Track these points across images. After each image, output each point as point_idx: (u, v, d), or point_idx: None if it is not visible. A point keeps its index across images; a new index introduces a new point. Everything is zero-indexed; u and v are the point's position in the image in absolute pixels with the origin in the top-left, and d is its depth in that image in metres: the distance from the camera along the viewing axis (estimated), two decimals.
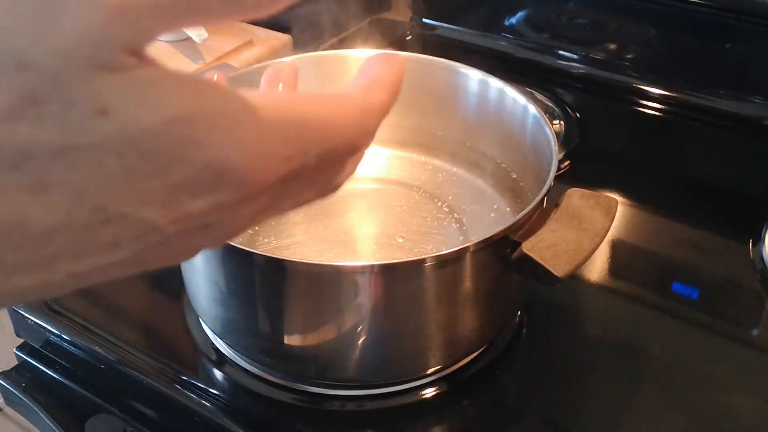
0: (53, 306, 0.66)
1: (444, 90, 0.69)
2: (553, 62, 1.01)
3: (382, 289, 0.52)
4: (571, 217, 0.53)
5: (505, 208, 0.67)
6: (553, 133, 0.60)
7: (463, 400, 0.60)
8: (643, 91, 0.96)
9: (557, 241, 0.51)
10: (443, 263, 0.51)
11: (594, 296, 0.69)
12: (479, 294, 0.55)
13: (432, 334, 0.57)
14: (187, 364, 0.62)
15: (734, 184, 0.83)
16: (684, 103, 0.94)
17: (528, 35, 1.03)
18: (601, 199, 0.54)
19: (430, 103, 0.70)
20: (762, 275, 0.69)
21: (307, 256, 0.63)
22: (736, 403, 0.59)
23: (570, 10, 0.99)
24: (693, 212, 0.78)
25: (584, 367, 0.62)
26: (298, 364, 0.59)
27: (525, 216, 0.52)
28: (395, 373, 0.59)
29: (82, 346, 0.64)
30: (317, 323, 0.55)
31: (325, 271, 0.51)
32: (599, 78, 0.98)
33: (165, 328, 0.66)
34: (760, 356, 0.63)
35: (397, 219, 0.66)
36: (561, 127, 0.89)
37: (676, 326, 0.65)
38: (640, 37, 0.96)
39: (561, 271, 0.49)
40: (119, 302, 0.68)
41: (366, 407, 0.59)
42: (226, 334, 0.61)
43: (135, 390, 0.62)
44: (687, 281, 0.69)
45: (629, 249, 0.74)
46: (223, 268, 0.55)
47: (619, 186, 0.81)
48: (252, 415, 0.58)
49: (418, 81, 0.69)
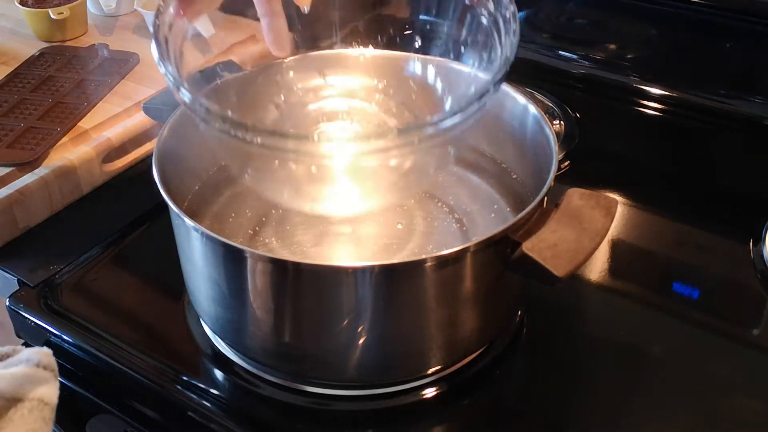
0: (53, 306, 0.66)
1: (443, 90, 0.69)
2: (553, 62, 1.01)
3: (383, 289, 0.52)
4: (571, 217, 0.53)
5: (505, 208, 0.67)
6: (553, 133, 0.61)
7: (463, 400, 0.60)
8: (643, 91, 0.96)
9: (557, 241, 0.51)
10: (443, 263, 0.51)
11: (594, 296, 0.69)
12: (479, 294, 0.55)
13: (432, 334, 0.57)
14: (187, 364, 0.62)
15: (734, 184, 0.83)
16: (684, 103, 0.94)
17: (528, 35, 1.03)
18: (601, 199, 0.54)
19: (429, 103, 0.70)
20: (762, 275, 0.69)
21: (307, 256, 0.63)
22: (736, 403, 0.59)
23: (570, 10, 0.99)
24: (693, 212, 0.78)
25: (584, 367, 0.62)
26: (298, 364, 0.59)
27: (525, 216, 0.53)
28: (395, 373, 0.59)
29: (83, 346, 0.64)
30: (317, 323, 0.55)
31: (325, 271, 0.52)
32: (599, 78, 0.98)
33: (165, 329, 0.66)
34: (760, 356, 0.63)
35: (397, 219, 0.66)
36: (561, 127, 0.89)
37: (676, 326, 0.65)
38: (640, 37, 0.96)
39: (561, 271, 0.49)
40: (119, 302, 0.68)
41: (366, 407, 0.59)
42: (226, 335, 0.61)
43: (135, 390, 0.62)
44: (687, 281, 0.69)
45: (629, 249, 0.74)
46: (223, 268, 0.55)
47: (619, 186, 0.81)
48: (252, 416, 0.58)
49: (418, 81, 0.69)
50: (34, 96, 0.85)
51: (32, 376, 0.42)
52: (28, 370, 0.42)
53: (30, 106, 0.84)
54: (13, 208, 0.72)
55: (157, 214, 0.75)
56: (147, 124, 0.83)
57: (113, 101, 0.86)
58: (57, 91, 0.86)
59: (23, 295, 0.67)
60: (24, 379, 0.42)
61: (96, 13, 1.06)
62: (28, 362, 0.43)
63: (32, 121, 0.81)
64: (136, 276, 0.70)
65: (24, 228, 0.74)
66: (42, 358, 0.43)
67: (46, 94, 0.86)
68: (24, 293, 0.68)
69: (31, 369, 0.42)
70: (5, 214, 0.71)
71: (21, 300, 0.67)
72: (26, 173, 0.75)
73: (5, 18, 1.04)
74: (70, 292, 0.68)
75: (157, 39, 0.53)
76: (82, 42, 0.99)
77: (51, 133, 0.79)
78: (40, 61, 0.92)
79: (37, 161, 0.76)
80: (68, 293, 0.68)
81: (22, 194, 0.72)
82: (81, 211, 0.77)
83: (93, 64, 0.92)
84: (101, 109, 0.85)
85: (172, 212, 0.55)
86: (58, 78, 0.89)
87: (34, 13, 0.97)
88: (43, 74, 0.89)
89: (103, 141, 0.80)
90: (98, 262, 0.71)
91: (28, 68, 0.91)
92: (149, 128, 0.83)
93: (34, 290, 0.68)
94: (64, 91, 0.86)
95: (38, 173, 0.75)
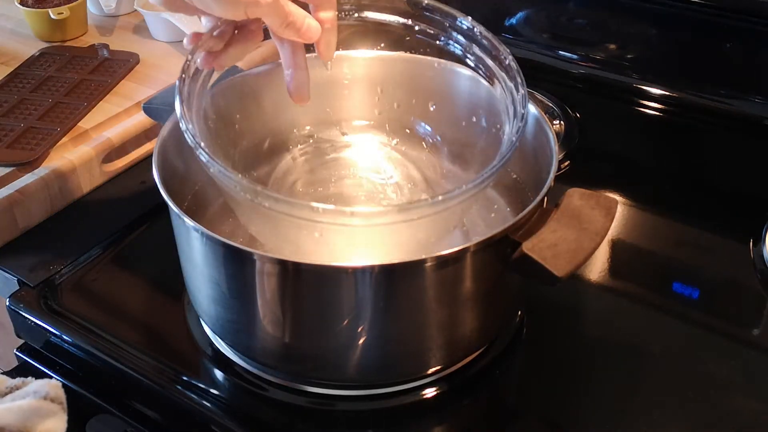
0: (54, 306, 0.66)
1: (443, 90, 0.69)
2: (553, 62, 1.01)
3: (383, 289, 0.52)
4: (571, 217, 0.53)
5: (505, 208, 0.67)
6: (553, 133, 0.61)
7: (463, 400, 0.60)
8: (643, 91, 0.96)
9: (557, 241, 0.51)
10: (443, 263, 0.52)
11: (594, 296, 0.69)
12: (479, 294, 0.55)
13: (432, 334, 0.57)
14: (187, 364, 0.62)
15: (734, 184, 0.83)
16: (684, 103, 0.94)
17: (528, 35, 1.03)
18: (601, 199, 0.54)
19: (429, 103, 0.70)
20: (762, 275, 0.69)
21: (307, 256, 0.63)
22: (736, 403, 0.59)
23: (570, 10, 0.99)
24: (693, 212, 0.78)
25: (584, 367, 0.62)
26: (297, 364, 0.59)
27: (525, 216, 0.53)
28: (395, 373, 0.59)
29: (83, 346, 0.64)
30: (317, 323, 0.55)
31: (326, 271, 0.51)
32: (599, 78, 0.98)
33: (165, 329, 0.66)
34: (760, 356, 0.63)
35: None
36: (561, 127, 0.89)
37: (676, 326, 0.65)
38: (640, 37, 0.96)
39: (561, 271, 0.49)
40: (120, 303, 0.68)
41: (366, 407, 0.59)
42: (226, 335, 0.61)
43: (135, 391, 0.62)
44: (687, 281, 0.69)
45: (629, 249, 0.74)
46: (223, 268, 0.55)
47: (619, 186, 0.81)
48: (252, 416, 0.58)
49: (417, 81, 0.69)
50: (34, 96, 0.85)
51: (40, 410, 0.42)
52: (35, 403, 0.42)
53: (30, 106, 0.84)
54: (13, 208, 0.72)
55: (157, 214, 0.75)
56: (147, 124, 0.83)
57: (113, 101, 0.86)
58: (57, 91, 0.86)
59: (23, 295, 0.67)
60: (31, 413, 0.42)
61: (96, 13, 1.06)
62: (36, 395, 0.43)
63: (32, 121, 0.81)
64: (136, 276, 0.70)
65: (24, 228, 0.74)
66: (50, 390, 0.43)
67: (46, 94, 0.86)
68: (24, 293, 0.68)
69: (38, 402, 0.42)
70: (5, 214, 0.71)
71: (21, 300, 0.67)
72: (26, 173, 0.75)
73: (5, 18, 1.04)
74: (70, 292, 0.68)
75: (181, 95, 0.54)
76: (82, 42, 0.99)
77: (51, 133, 0.79)
78: (40, 61, 0.92)
79: (37, 161, 0.76)
80: (68, 293, 0.68)
81: (22, 194, 0.72)
82: (81, 211, 0.77)
83: (93, 64, 0.91)
84: (101, 109, 0.85)
85: (172, 212, 0.55)
86: (58, 78, 0.89)
87: (34, 13, 0.97)
88: (43, 74, 0.89)
89: (103, 141, 0.80)
90: (98, 262, 0.71)
91: (28, 68, 0.91)
92: (149, 128, 0.83)
93: (34, 290, 0.68)
94: (64, 91, 0.86)
95: (38, 173, 0.75)
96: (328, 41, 0.59)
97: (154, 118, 0.70)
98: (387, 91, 0.70)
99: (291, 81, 0.60)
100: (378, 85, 0.70)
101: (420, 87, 0.69)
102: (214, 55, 0.57)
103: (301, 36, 0.56)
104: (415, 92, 0.69)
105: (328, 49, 0.59)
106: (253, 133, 0.67)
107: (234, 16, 0.53)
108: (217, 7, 0.52)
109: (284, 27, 0.54)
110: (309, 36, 0.56)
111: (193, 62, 0.57)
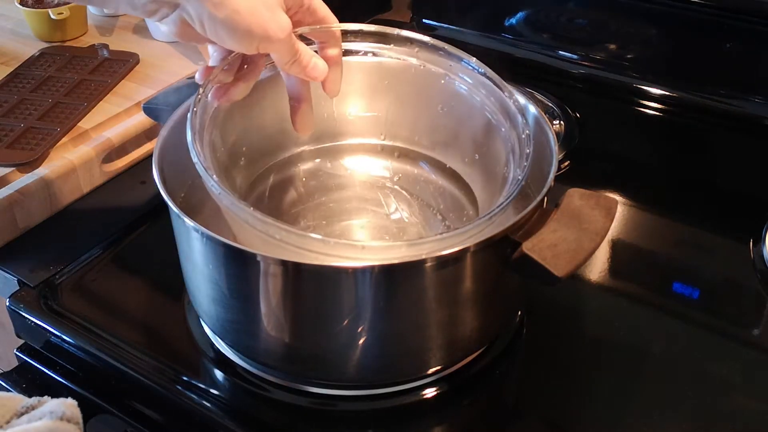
0: (54, 307, 0.66)
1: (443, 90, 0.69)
2: (553, 62, 1.01)
3: (383, 289, 0.52)
4: (571, 217, 0.53)
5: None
6: (553, 133, 0.61)
7: (463, 400, 0.60)
8: (643, 91, 0.96)
9: (557, 241, 0.51)
10: (443, 263, 0.52)
11: (594, 296, 0.69)
12: (479, 294, 0.55)
13: (432, 334, 0.57)
14: (187, 364, 0.62)
15: (734, 184, 0.83)
16: (684, 103, 0.94)
17: (528, 35, 1.03)
18: (601, 199, 0.54)
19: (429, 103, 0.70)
20: (762, 275, 0.69)
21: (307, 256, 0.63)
22: (736, 403, 0.59)
23: (570, 10, 0.99)
24: (693, 212, 0.78)
25: (584, 367, 0.62)
26: (298, 364, 0.59)
27: (525, 216, 0.53)
28: (396, 374, 0.59)
29: (83, 346, 0.64)
30: (317, 323, 0.55)
31: (326, 271, 0.51)
32: (599, 78, 0.98)
33: (166, 329, 0.66)
34: (760, 356, 0.63)
35: (397, 219, 0.66)
36: (561, 127, 0.89)
37: (676, 326, 0.65)
38: (640, 37, 0.96)
39: (561, 271, 0.49)
40: (120, 303, 0.68)
41: (366, 407, 0.59)
42: (226, 335, 0.61)
43: (136, 391, 0.62)
44: (687, 281, 0.69)
45: (629, 249, 0.74)
46: (223, 268, 0.55)
47: (619, 186, 0.81)
48: (252, 416, 0.58)
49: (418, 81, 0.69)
50: (34, 96, 0.85)
51: (56, 430, 0.42)
52: (52, 425, 0.42)
53: (30, 106, 0.84)
54: (13, 208, 0.72)
55: (157, 214, 0.75)
56: (147, 125, 0.83)
57: (113, 101, 0.86)
58: (57, 91, 0.86)
59: (23, 296, 0.67)
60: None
61: (96, 13, 1.06)
62: (52, 415, 0.43)
63: (32, 121, 0.81)
64: (136, 276, 0.70)
65: (24, 228, 0.74)
66: (66, 410, 0.43)
67: (46, 94, 0.86)
68: (24, 293, 0.68)
69: (54, 423, 0.42)
70: (5, 214, 0.71)
71: (21, 300, 0.67)
72: (26, 173, 0.75)
73: (5, 18, 1.04)
74: (70, 293, 0.68)
75: (192, 125, 0.55)
76: (82, 42, 0.99)
77: (51, 133, 0.79)
78: (40, 61, 0.92)
79: (37, 161, 0.76)
80: (68, 293, 0.68)
81: (22, 194, 0.72)
82: (81, 211, 0.77)
83: (93, 64, 0.91)
84: (101, 109, 0.85)
85: (172, 212, 0.55)
86: (58, 78, 0.89)
87: (34, 13, 0.97)
88: (43, 74, 0.89)
89: (103, 141, 0.80)
90: (98, 262, 0.71)
91: (28, 68, 0.91)
92: (149, 128, 0.83)
93: (34, 290, 0.68)
94: (64, 91, 0.86)
95: (38, 173, 0.75)
96: (333, 79, 0.60)
97: (154, 118, 0.70)
98: (391, 115, 0.70)
99: (295, 113, 0.62)
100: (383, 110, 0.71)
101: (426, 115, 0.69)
102: (224, 88, 0.59)
103: (306, 74, 0.57)
104: (420, 117, 0.70)
105: (334, 86, 0.61)
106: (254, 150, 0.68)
107: (246, 50, 0.54)
108: (230, 41, 0.53)
109: (291, 64, 0.56)
110: (314, 75, 0.58)
111: (204, 95, 0.57)
